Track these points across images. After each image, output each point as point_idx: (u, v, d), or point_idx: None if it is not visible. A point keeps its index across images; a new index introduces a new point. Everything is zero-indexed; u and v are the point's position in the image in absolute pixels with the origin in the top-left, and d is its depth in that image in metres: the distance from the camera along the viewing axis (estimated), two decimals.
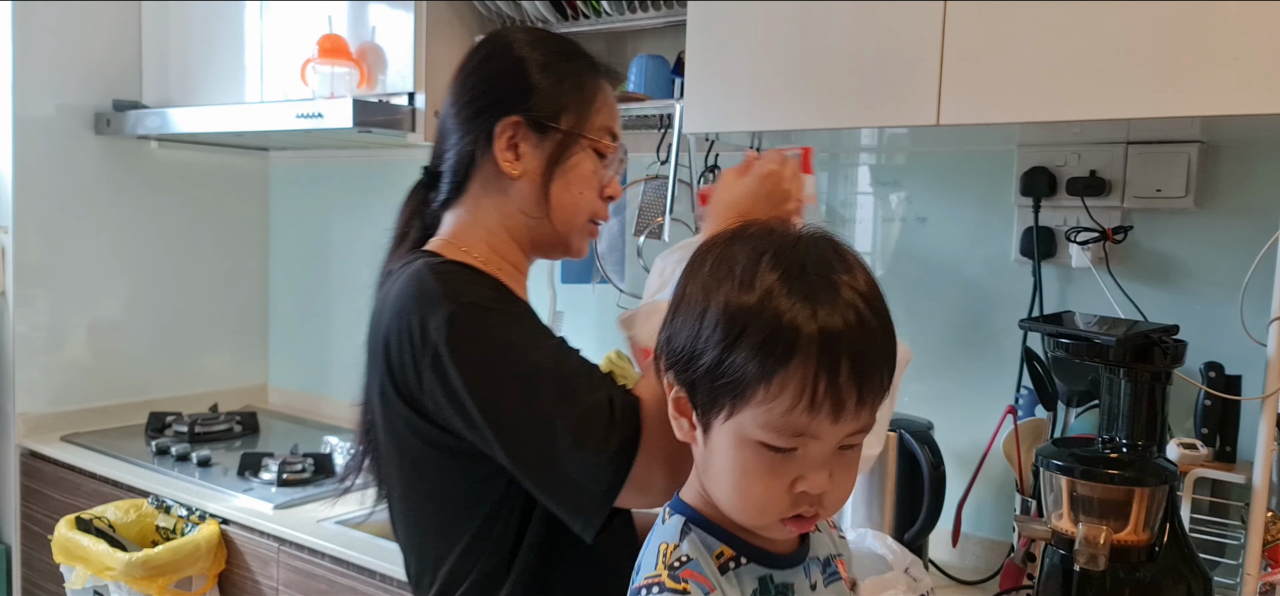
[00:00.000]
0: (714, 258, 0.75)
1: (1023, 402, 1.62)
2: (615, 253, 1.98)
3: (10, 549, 2.45)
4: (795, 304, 0.69)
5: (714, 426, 0.73)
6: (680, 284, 0.77)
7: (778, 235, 0.75)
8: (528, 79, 1.06)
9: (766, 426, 0.70)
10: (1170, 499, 1.27)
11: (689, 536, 0.76)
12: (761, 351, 0.69)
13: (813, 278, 0.70)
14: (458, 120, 1.08)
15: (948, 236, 1.76)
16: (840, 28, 1.41)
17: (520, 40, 1.09)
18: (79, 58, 2.46)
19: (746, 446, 0.72)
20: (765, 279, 0.70)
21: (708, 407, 0.73)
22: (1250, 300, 1.26)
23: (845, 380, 0.69)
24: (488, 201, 1.08)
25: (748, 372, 0.69)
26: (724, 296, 0.71)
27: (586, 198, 1.09)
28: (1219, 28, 1.14)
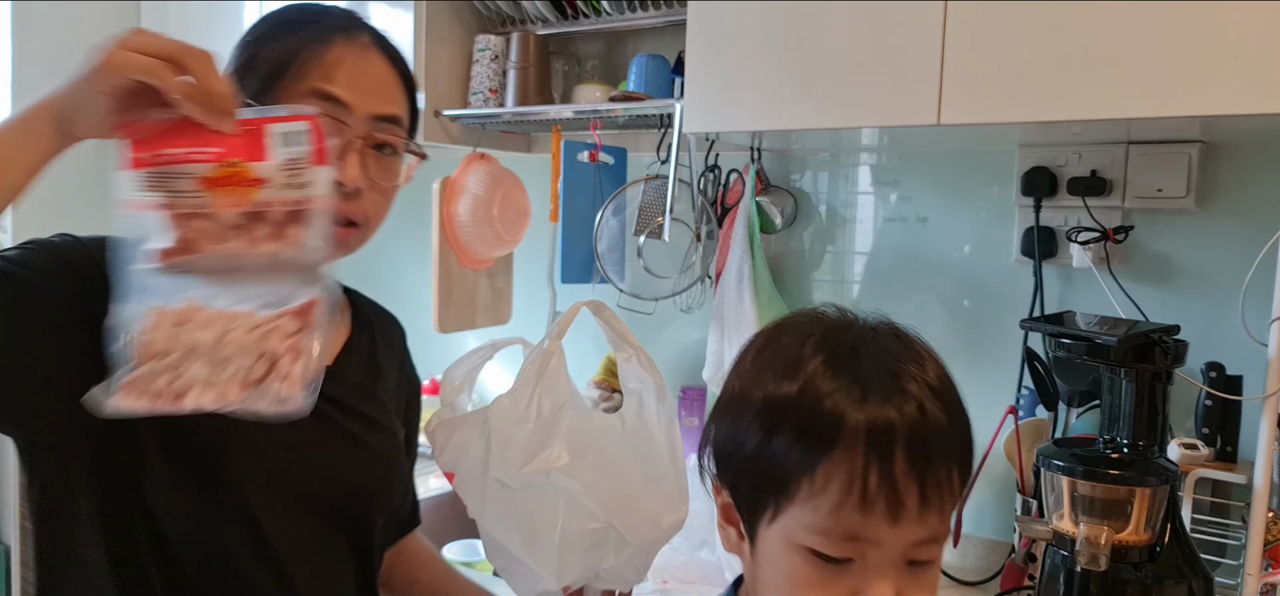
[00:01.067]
0: (758, 349, 0.69)
1: (1024, 403, 1.62)
2: (615, 253, 1.98)
3: (9, 549, 2.45)
4: (841, 386, 0.62)
5: (760, 532, 0.66)
6: (728, 377, 0.70)
7: (829, 319, 0.69)
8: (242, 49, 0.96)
9: (814, 528, 0.62)
10: (1171, 499, 1.27)
11: None
12: (803, 437, 0.62)
13: (865, 360, 0.64)
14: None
15: (948, 236, 1.76)
16: (840, 28, 1.41)
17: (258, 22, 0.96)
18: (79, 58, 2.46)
19: (796, 554, 0.63)
20: (810, 363, 0.64)
21: (752, 510, 0.66)
22: (1251, 300, 1.26)
23: (902, 473, 0.61)
24: None
25: (789, 462, 0.62)
26: (766, 386, 0.65)
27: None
28: (1219, 28, 1.14)
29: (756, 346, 0.70)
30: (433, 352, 2.40)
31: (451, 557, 1.72)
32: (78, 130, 0.76)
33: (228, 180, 0.76)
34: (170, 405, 0.75)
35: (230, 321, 0.77)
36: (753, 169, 1.82)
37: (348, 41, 0.93)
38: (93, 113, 0.75)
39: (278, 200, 0.77)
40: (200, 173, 0.76)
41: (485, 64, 2.00)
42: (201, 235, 0.76)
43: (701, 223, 1.89)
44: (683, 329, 2.04)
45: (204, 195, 0.76)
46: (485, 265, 2.10)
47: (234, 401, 0.76)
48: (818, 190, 1.91)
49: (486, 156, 2.05)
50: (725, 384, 0.70)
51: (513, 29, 2.05)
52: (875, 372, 0.63)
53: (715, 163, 1.91)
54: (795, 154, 1.93)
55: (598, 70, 2.08)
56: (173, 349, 0.75)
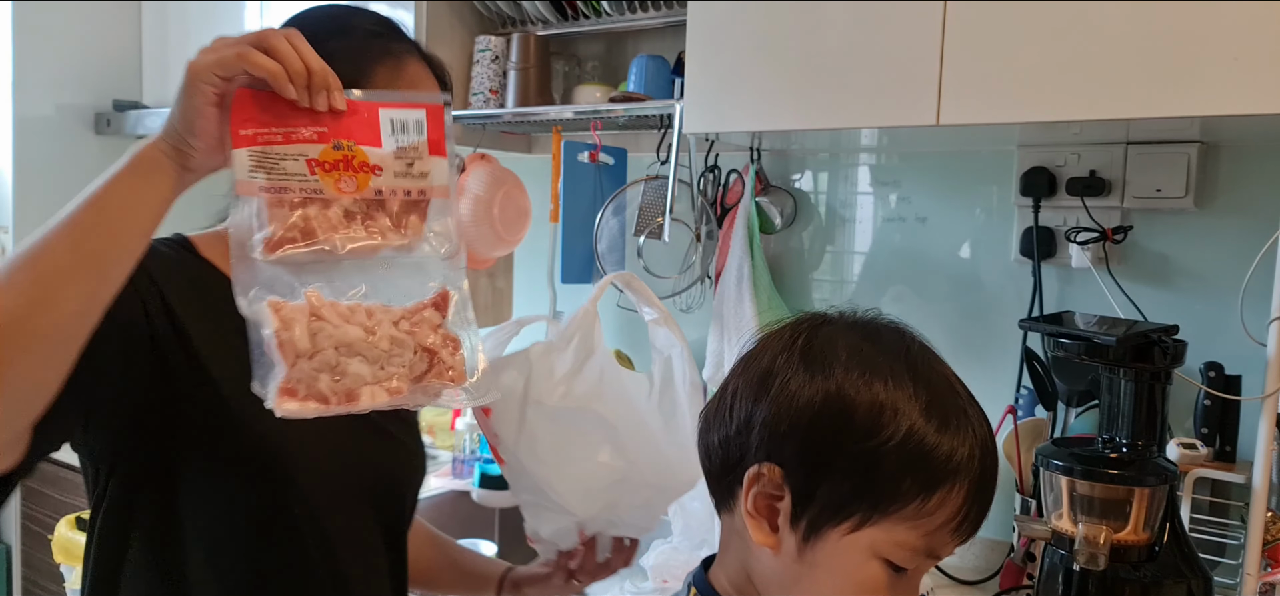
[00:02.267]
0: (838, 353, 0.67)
1: (1023, 402, 1.62)
2: (615, 253, 1.98)
3: (10, 549, 2.45)
4: (954, 421, 0.66)
5: (828, 535, 0.65)
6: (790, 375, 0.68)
7: (905, 334, 0.71)
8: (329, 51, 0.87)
9: (904, 545, 0.65)
10: (1170, 499, 1.27)
11: None
12: (924, 468, 0.64)
13: (956, 395, 0.68)
14: None
15: (948, 236, 1.76)
16: (840, 28, 1.41)
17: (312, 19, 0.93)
18: (79, 58, 2.46)
19: (874, 563, 0.65)
20: (919, 395, 0.65)
21: (827, 517, 0.65)
22: (1250, 300, 1.26)
23: (989, 498, 0.67)
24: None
25: (904, 486, 0.64)
26: (871, 397, 0.65)
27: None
28: (1219, 28, 1.14)
29: (833, 351, 0.68)
30: None
31: None
32: (193, 158, 0.74)
33: (341, 164, 0.74)
34: (345, 405, 0.73)
35: (370, 315, 0.75)
36: (752, 169, 1.82)
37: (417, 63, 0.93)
38: (198, 130, 0.74)
39: (395, 188, 0.75)
40: (310, 154, 0.73)
41: (486, 64, 2.00)
42: (317, 223, 0.74)
43: (701, 223, 1.89)
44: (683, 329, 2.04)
45: (316, 179, 0.73)
46: (486, 265, 2.11)
47: (406, 397, 0.75)
48: (817, 190, 1.92)
49: (487, 157, 2.05)
50: (797, 382, 0.67)
51: (513, 30, 2.05)
52: (967, 410, 0.67)
53: (715, 163, 1.91)
54: (795, 154, 1.93)
55: (598, 71, 2.08)
56: (320, 347, 0.73)
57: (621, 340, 2.12)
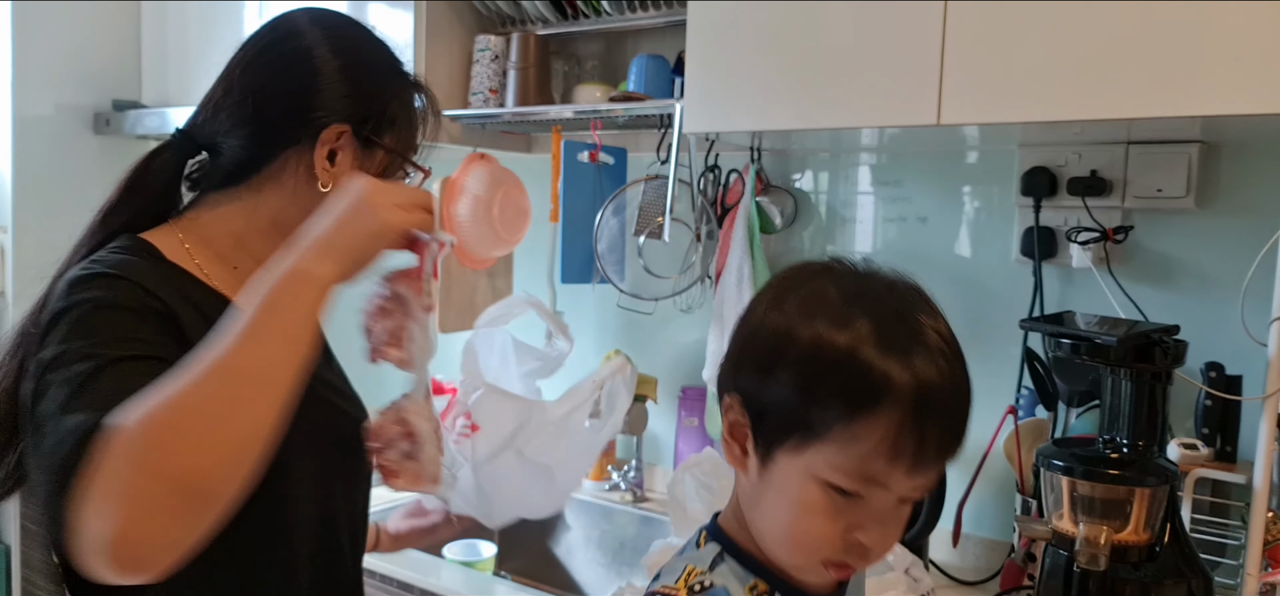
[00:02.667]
0: (799, 288, 0.73)
1: (1023, 402, 1.62)
2: (615, 253, 1.98)
3: (9, 549, 2.45)
4: (891, 352, 0.67)
5: (777, 457, 0.71)
6: (756, 309, 0.74)
7: (873, 279, 0.74)
8: (371, 82, 0.99)
9: (839, 468, 0.68)
10: (1171, 499, 1.27)
11: (722, 565, 0.74)
12: (850, 394, 0.67)
13: (909, 327, 0.69)
14: (264, 104, 0.96)
15: (948, 236, 1.76)
16: (840, 28, 1.41)
17: (356, 34, 1.01)
18: (78, 58, 2.46)
19: (812, 485, 0.69)
20: (859, 322, 0.68)
21: (774, 438, 0.71)
22: (1251, 300, 1.26)
23: (930, 431, 0.67)
24: (272, 197, 0.97)
25: (830, 412, 0.67)
26: (814, 331, 0.69)
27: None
28: (1219, 28, 1.14)
29: (797, 286, 0.73)
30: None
31: (452, 558, 1.72)
32: (356, 275, 0.85)
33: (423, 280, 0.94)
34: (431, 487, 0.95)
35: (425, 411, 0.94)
36: (753, 169, 1.82)
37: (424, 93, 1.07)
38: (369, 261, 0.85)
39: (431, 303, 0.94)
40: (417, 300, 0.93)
41: (485, 64, 2.00)
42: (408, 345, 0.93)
43: (701, 223, 1.89)
44: (683, 329, 2.05)
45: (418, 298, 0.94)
46: (485, 265, 2.10)
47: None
48: (818, 190, 1.92)
49: (486, 156, 2.02)
50: (758, 314, 0.74)
51: (513, 29, 2.05)
52: (918, 342, 0.68)
53: (715, 163, 1.91)
54: (795, 154, 1.93)
55: (598, 70, 2.08)
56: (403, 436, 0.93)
57: (621, 340, 2.12)
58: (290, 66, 0.98)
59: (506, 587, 1.61)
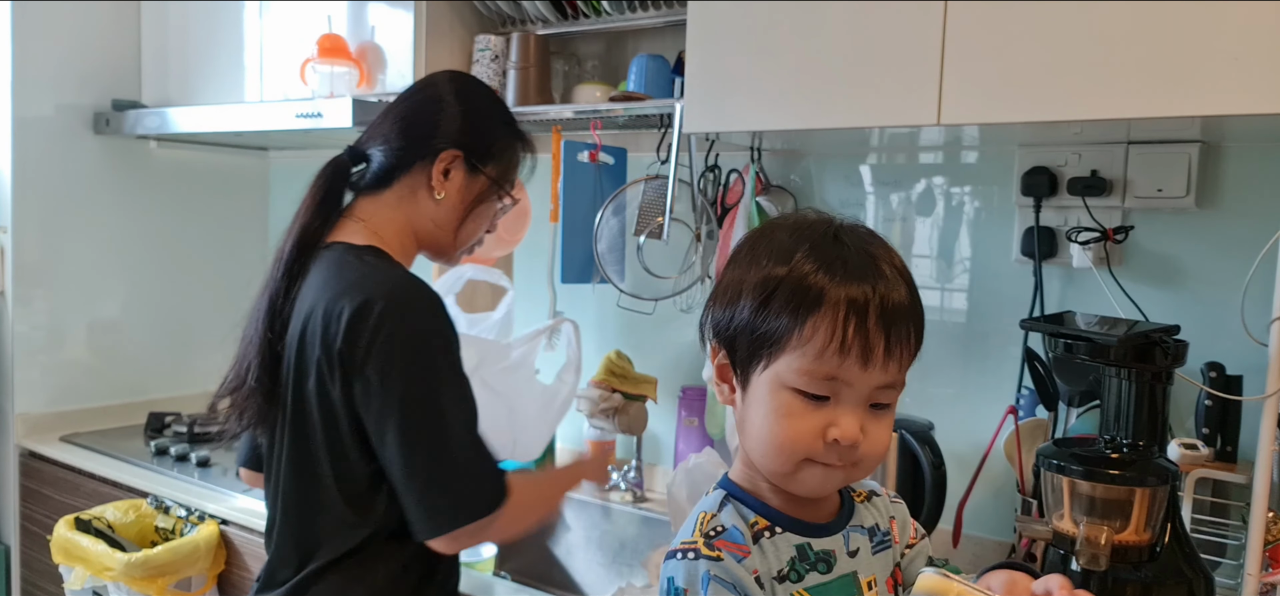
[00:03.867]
0: (752, 243, 0.83)
1: (1024, 403, 1.62)
2: (615, 253, 1.98)
3: (9, 549, 2.45)
4: (826, 260, 0.77)
5: (753, 379, 0.80)
6: (725, 270, 0.85)
7: (813, 218, 0.83)
8: (488, 126, 1.32)
9: (800, 371, 0.76)
10: (1171, 499, 1.27)
11: (727, 507, 0.83)
12: (794, 299, 0.76)
13: (846, 244, 0.79)
14: (406, 129, 1.28)
15: (948, 236, 1.76)
16: (840, 28, 1.41)
17: (485, 92, 1.36)
18: (78, 58, 2.46)
19: (783, 392, 0.78)
20: (798, 249, 0.78)
21: (747, 363, 0.80)
22: (1251, 300, 1.26)
23: (873, 325, 0.75)
24: (405, 204, 1.29)
25: (782, 321, 0.77)
26: (763, 268, 0.79)
27: (481, 228, 1.36)
28: (1219, 28, 1.14)
29: (750, 241, 0.84)
30: None
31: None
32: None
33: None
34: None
35: None
36: (753, 169, 1.82)
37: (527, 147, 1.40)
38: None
39: None
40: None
41: (485, 64, 2.00)
42: None
43: (701, 223, 1.89)
44: (683, 329, 2.04)
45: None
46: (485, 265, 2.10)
47: None
48: (818, 190, 1.91)
49: None
50: (723, 274, 0.85)
51: (513, 29, 2.05)
52: (854, 254, 0.78)
53: (715, 163, 1.91)
54: (795, 154, 1.93)
55: (598, 70, 2.08)
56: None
57: (621, 340, 2.12)
58: (426, 103, 1.30)
59: (506, 587, 1.61)
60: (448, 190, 1.29)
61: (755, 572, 0.78)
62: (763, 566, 0.79)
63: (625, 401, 1.98)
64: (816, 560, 0.82)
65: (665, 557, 0.81)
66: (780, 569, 0.80)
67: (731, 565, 0.77)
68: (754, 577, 0.78)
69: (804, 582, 0.80)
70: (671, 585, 0.78)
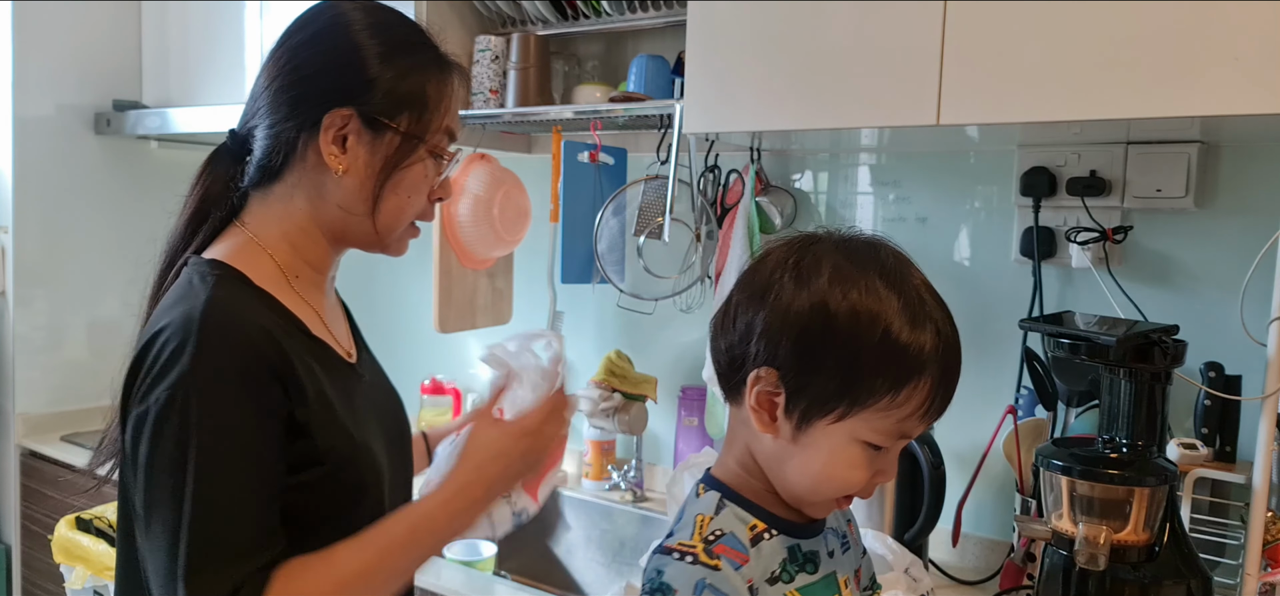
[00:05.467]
0: (819, 266, 0.78)
1: (1023, 402, 1.62)
2: (615, 253, 1.98)
3: (10, 549, 2.45)
4: (918, 325, 0.76)
5: (816, 426, 0.78)
6: (778, 285, 0.79)
7: (871, 248, 0.80)
8: (365, 68, 0.97)
9: (879, 430, 0.77)
10: (1170, 499, 1.27)
11: (724, 510, 0.82)
12: (897, 372, 0.75)
13: (920, 296, 0.78)
14: (278, 98, 0.98)
15: (948, 236, 1.76)
16: (840, 28, 1.41)
17: (358, 21, 0.98)
18: (79, 57, 2.46)
19: (854, 446, 0.78)
20: (887, 299, 0.76)
21: (816, 410, 0.77)
22: (1250, 300, 1.26)
23: (952, 387, 0.78)
24: (302, 193, 0.99)
25: (877, 388, 0.75)
26: (851, 313, 0.76)
27: (414, 202, 1.01)
28: (1219, 28, 1.14)
29: (813, 262, 0.79)
30: (433, 352, 2.41)
31: (453, 558, 1.72)
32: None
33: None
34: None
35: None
36: (752, 169, 1.82)
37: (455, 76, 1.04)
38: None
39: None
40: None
41: (485, 64, 2.00)
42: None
43: (701, 223, 1.89)
44: (683, 329, 2.05)
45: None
46: (485, 265, 2.11)
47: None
48: (818, 190, 1.92)
49: (487, 157, 2.05)
50: (785, 293, 0.78)
51: (513, 29, 2.05)
52: (934, 308, 0.77)
53: (715, 163, 1.91)
54: (795, 154, 1.93)
55: (598, 70, 2.08)
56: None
57: (621, 340, 2.12)
58: (297, 53, 0.99)
59: (506, 587, 1.61)
60: (348, 162, 0.97)
61: (750, 580, 0.78)
62: (757, 570, 0.79)
63: (625, 401, 1.98)
64: (804, 560, 0.83)
65: (654, 550, 0.80)
66: (773, 571, 0.80)
67: (729, 573, 0.76)
68: (748, 586, 0.78)
69: (794, 583, 0.81)
70: (659, 580, 0.76)
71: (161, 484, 0.85)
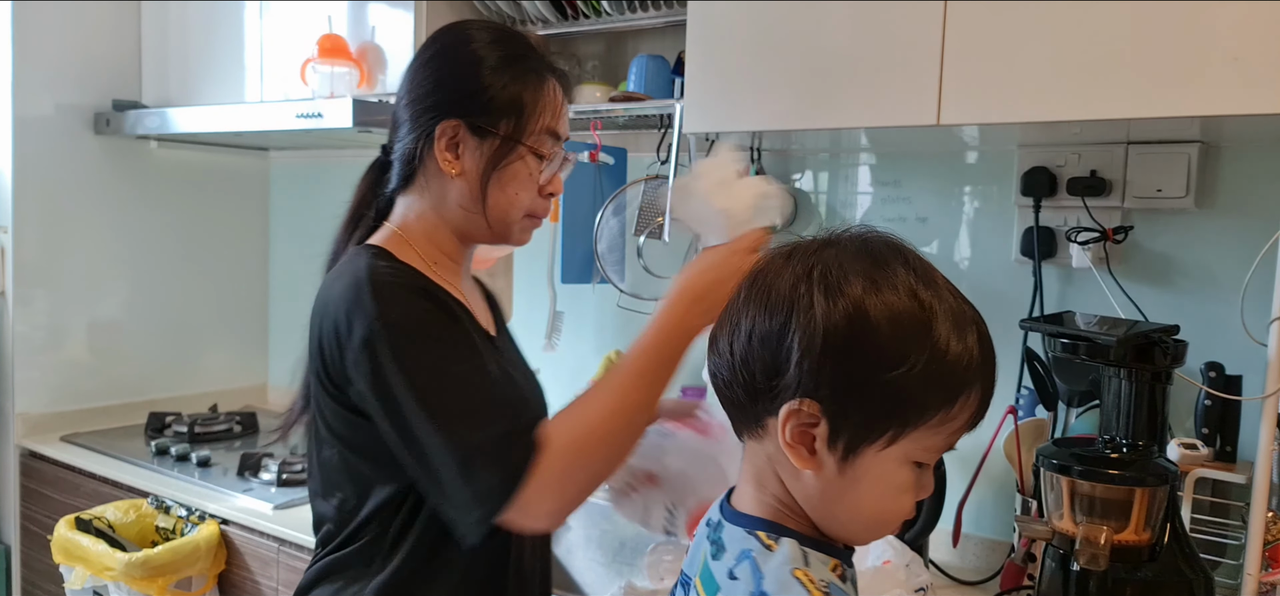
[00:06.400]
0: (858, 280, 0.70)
1: (1023, 402, 1.62)
2: (615, 252, 1.98)
3: (10, 549, 2.45)
4: (962, 335, 0.70)
5: (864, 453, 0.70)
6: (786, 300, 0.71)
7: (903, 248, 0.73)
8: (476, 80, 1.10)
9: (933, 447, 0.71)
10: (1171, 499, 1.27)
11: (811, 558, 0.72)
12: (949, 390, 0.70)
13: (955, 301, 0.72)
14: (408, 113, 1.13)
15: (947, 236, 1.76)
16: (840, 28, 1.41)
17: (478, 38, 1.12)
18: (79, 58, 2.46)
19: (906, 468, 0.72)
20: (927, 302, 0.69)
21: (862, 437, 0.70)
22: (1250, 300, 1.26)
23: (993, 390, 0.73)
24: (430, 194, 1.13)
25: (930, 406, 0.69)
26: (892, 319, 0.68)
27: (522, 197, 1.13)
28: (1219, 28, 1.14)
29: (840, 278, 0.70)
30: None
31: None
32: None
33: None
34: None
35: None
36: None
37: (556, 81, 1.14)
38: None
39: None
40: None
41: None
42: None
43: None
44: None
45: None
46: (485, 265, 2.10)
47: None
48: (818, 190, 1.92)
49: None
50: (805, 299, 0.70)
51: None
52: (971, 309, 0.73)
53: None
54: (795, 154, 1.93)
55: (598, 70, 2.08)
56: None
57: (621, 340, 2.12)
58: (417, 72, 1.14)
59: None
60: (460, 166, 1.10)
61: None
62: None
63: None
64: (854, 584, 0.78)
65: None
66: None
67: None
68: None
69: None
70: None
71: (399, 410, 0.97)
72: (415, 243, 1.13)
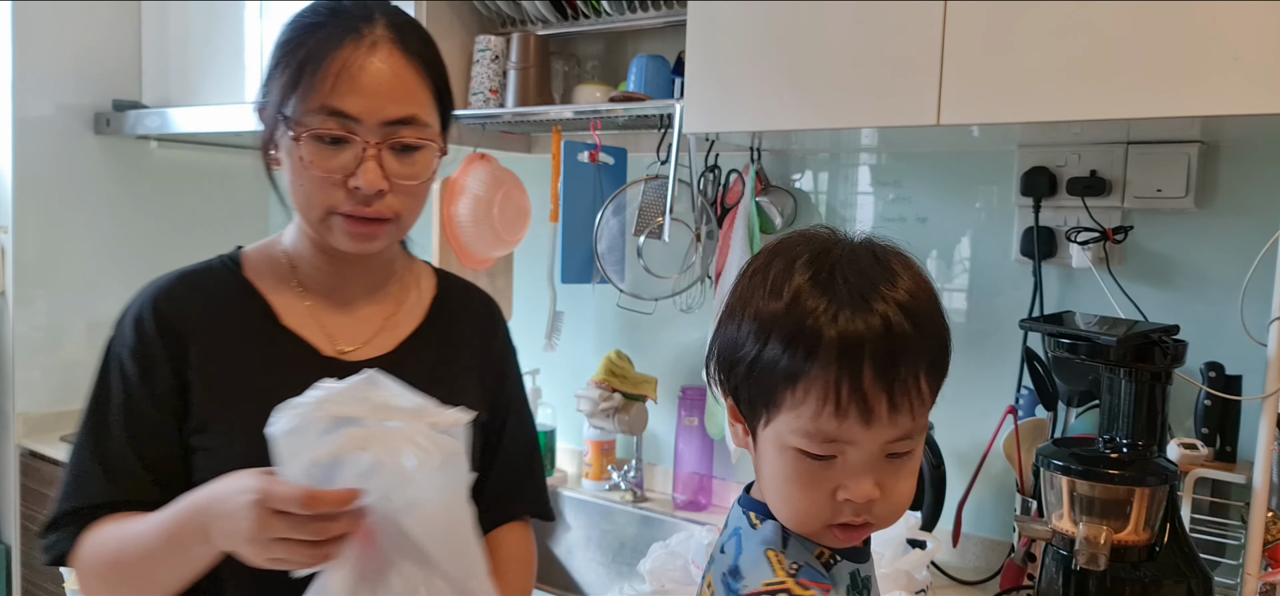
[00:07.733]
0: (754, 268, 0.76)
1: (1023, 402, 1.62)
2: (615, 253, 1.98)
3: (10, 549, 2.45)
4: (818, 307, 0.69)
5: (759, 433, 0.74)
6: (728, 298, 0.77)
7: (817, 240, 0.74)
8: (272, 59, 0.99)
9: (799, 432, 0.70)
10: (1170, 499, 1.27)
11: (790, 541, 0.75)
12: (785, 355, 0.69)
13: (839, 283, 0.69)
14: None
15: (948, 236, 1.76)
16: (840, 28, 1.41)
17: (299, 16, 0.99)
18: (78, 58, 2.46)
19: (787, 453, 0.72)
20: (794, 283, 0.71)
21: (751, 414, 0.74)
22: (1250, 300, 1.26)
23: (870, 384, 0.67)
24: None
25: (776, 377, 0.70)
26: (757, 303, 0.72)
27: (313, 193, 0.96)
28: (1219, 28, 1.14)
29: (753, 265, 0.76)
30: None
31: None
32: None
33: None
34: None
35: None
36: (752, 169, 1.82)
37: (355, 45, 0.94)
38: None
39: None
40: None
41: (485, 64, 2.00)
42: None
43: (701, 223, 1.89)
44: (683, 329, 2.05)
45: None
46: (485, 265, 2.10)
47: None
48: (818, 190, 1.92)
49: (486, 157, 2.05)
50: (728, 299, 0.77)
51: (513, 29, 2.05)
52: (847, 293, 0.69)
53: (715, 163, 1.91)
54: (795, 154, 1.93)
55: (598, 70, 2.08)
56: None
57: (621, 340, 2.12)
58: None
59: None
60: (279, 159, 1.00)
61: None
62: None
63: (625, 401, 1.99)
64: (862, 586, 0.77)
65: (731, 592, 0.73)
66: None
67: None
68: None
69: None
70: None
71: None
72: (287, 244, 1.07)
